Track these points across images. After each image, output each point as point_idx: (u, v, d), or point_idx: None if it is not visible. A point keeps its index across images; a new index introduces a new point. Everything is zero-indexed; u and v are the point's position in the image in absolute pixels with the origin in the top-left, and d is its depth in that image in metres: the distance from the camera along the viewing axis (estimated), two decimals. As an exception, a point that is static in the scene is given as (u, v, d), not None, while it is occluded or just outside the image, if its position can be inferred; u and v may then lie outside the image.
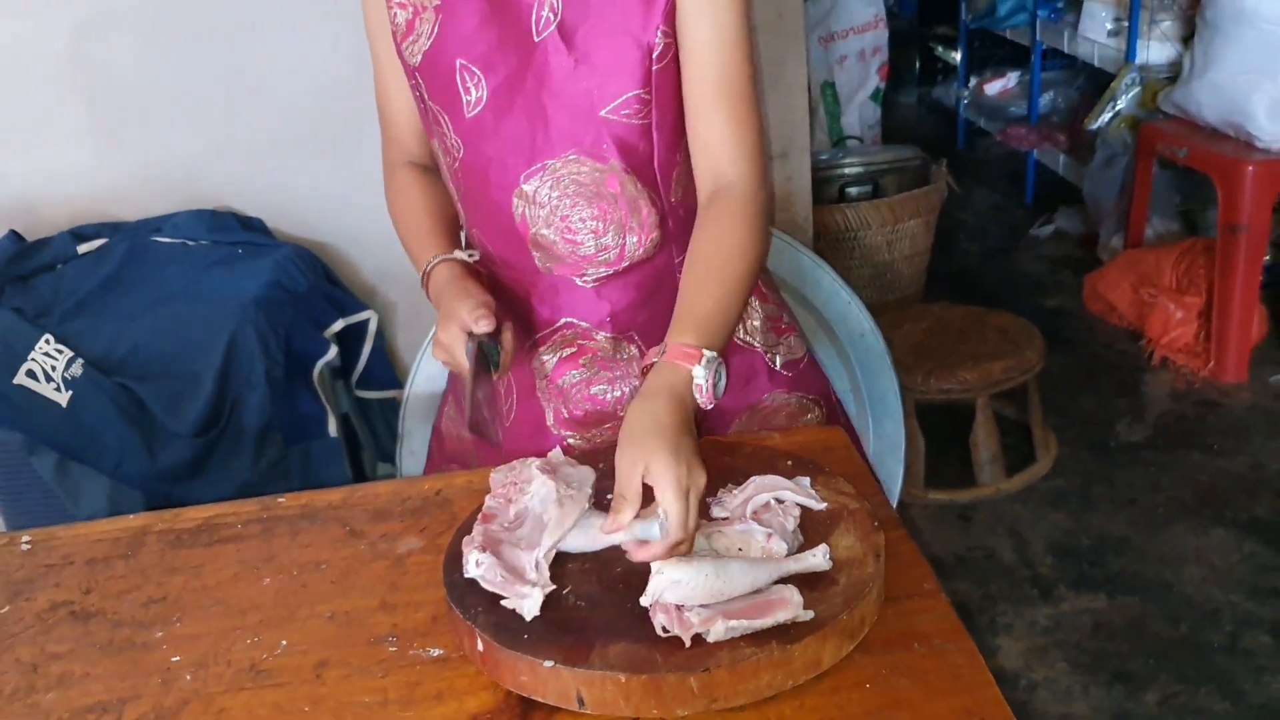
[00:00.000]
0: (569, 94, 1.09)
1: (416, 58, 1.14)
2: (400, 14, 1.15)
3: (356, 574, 1.02)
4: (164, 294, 1.81)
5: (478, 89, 1.12)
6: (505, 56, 1.10)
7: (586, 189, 1.13)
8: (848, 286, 1.94)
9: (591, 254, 1.16)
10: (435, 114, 1.15)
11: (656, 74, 1.09)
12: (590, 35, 1.08)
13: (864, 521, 0.96)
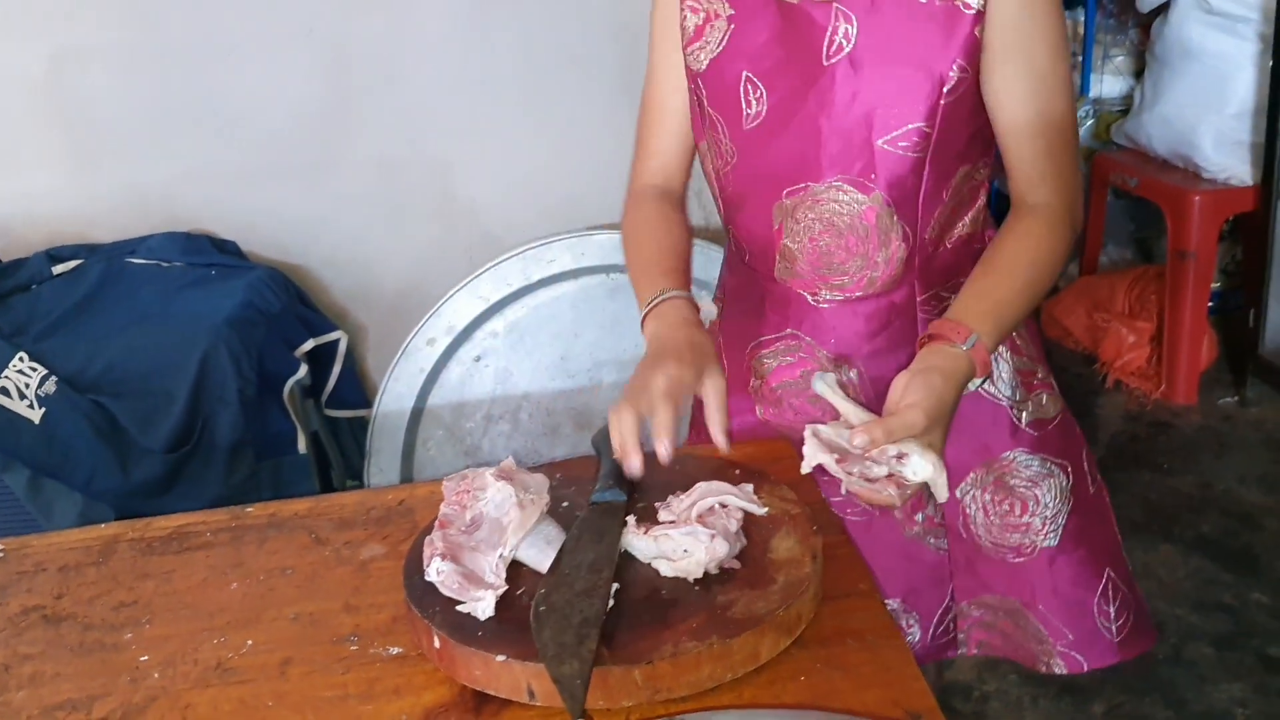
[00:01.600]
0: (848, 120, 1.10)
1: (702, 64, 1.15)
2: (691, 18, 1.16)
3: (321, 578, 1.07)
4: (138, 314, 1.85)
5: (759, 103, 1.13)
6: (790, 75, 1.11)
7: (841, 219, 1.14)
8: (805, 309, 2.00)
9: (829, 277, 1.18)
10: (713, 119, 1.16)
11: (944, 108, 1.09)
12: (881, 63, 1.08)
13: (804, 525, 1.01)
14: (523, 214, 2.15)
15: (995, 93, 1.10)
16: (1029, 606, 1.24)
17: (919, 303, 1.19)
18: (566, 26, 2.07)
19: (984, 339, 1.02)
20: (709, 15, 1.14)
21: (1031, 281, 1.09)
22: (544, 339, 1.99)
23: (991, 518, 1.24)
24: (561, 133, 2.13)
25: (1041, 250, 1.10)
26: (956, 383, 0.99)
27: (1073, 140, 1.13)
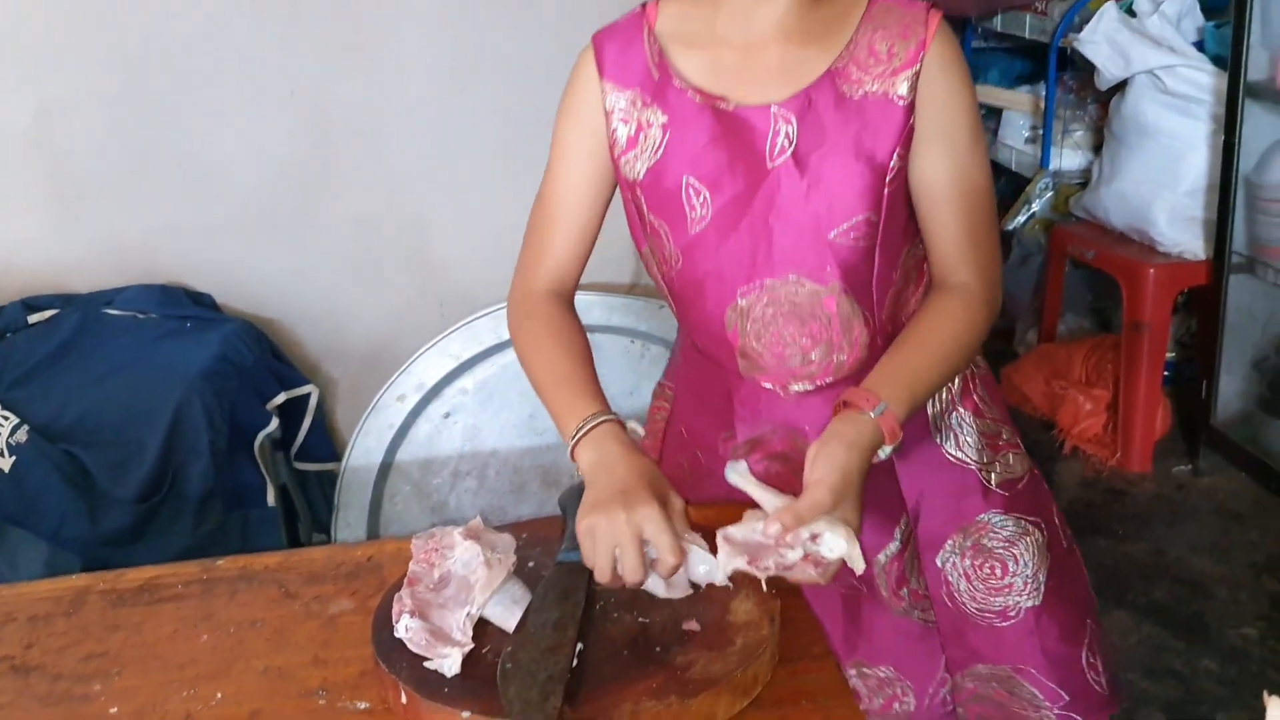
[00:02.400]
0: (798, 217, 1.11)
1: (639, 172, 1.15)
2: (622, 129, 1.15)
3: (291, 631, 1.09)
4: (113, 364, 1.87)
5: (703, 207, 1.13)
6: (734, 177, 1.12)
7: (802, 309, 1.15)
8: (770, 373, 2.05)
9: (797, 368, 1.18)
10: (655, 226, 1.16)
11: (888, 196, 1.11)
12: (825, 159, 1.10)
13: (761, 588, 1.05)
14: (497, 272, 2.16)
15: (918, 175, 1.13)
16: (1020, 673, 1.26)
17: None
18: (543, 92, 2.11)
19: (893, 407, 1.03)
20: (640, 124, 1.14)
21: (947, 355, 1.12)
22: (513, 397, 2.02)
23: (974, 583, 1.25)
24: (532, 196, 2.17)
25: (958, 327, 1.13)
26: (862, 451, 1.00)
27: (991, 220, 1.17)
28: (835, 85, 1.10)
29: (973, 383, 1.29)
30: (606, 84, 1.16)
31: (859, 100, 1.10)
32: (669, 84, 1.13)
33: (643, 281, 2.27)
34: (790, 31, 1.11)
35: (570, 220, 1.22)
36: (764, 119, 1.11)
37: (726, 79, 1.12)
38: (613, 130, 1.16)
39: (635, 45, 1.16)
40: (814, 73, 1.11)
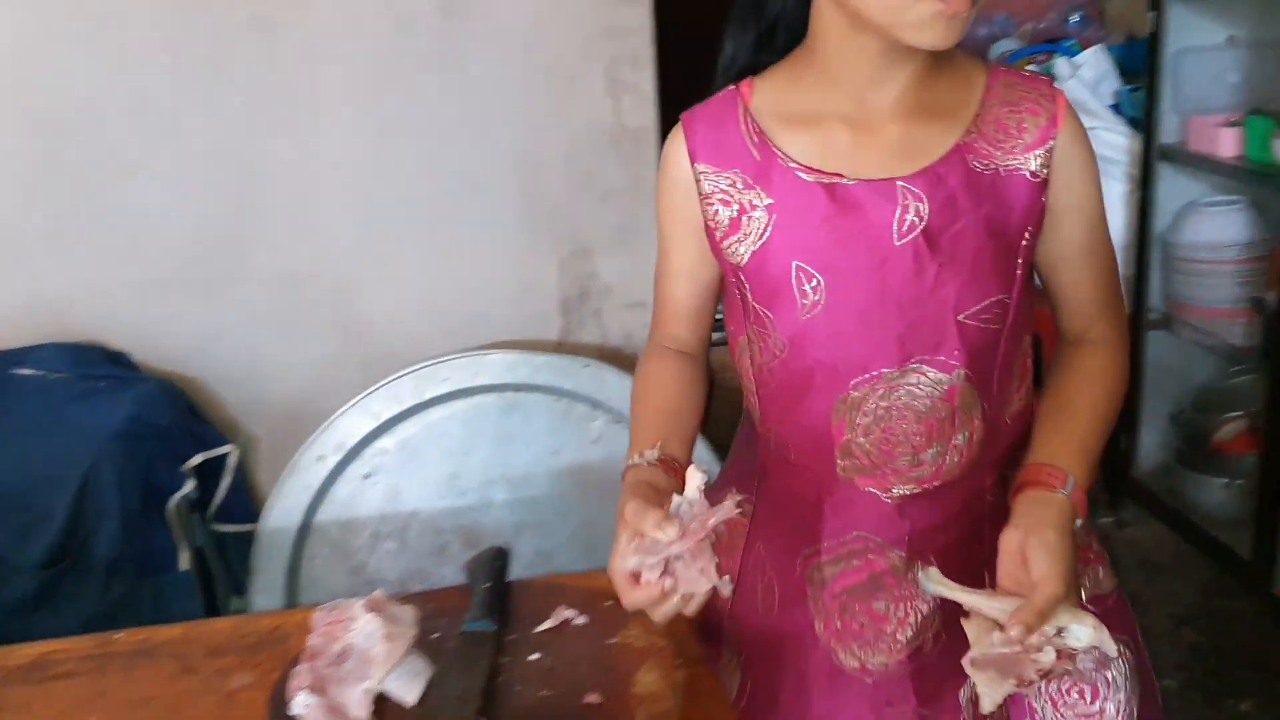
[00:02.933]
0: (927, 299, 1.04)
1: (743, 257, 1.08)
2: (724, 211, 1.09)
3: (186, 709, 1.06)
4: (21, 426, 1.83)
5: (815, 292, 1.06)
6: (852, 258, 1.05)
7: (920, 401, 1.07)
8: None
9: (905, 469, 1.10)
10: (759, 314, 1.09)
11: (1020, 276, 1.07)
12: (959, 237, 1.04)
13: (668, 659, 1.04)
14: (421, 332, 2.18)
15: (1057, 246, 1.11)
16: None
17: (988, 486, 1.13)
18: (469, 154, 2.13)
19: (1078, 479, 1.00)
20: (743, 207, 1.08)
21: (1107, 415, 1.09)
22: (434, 457, 2.01)
23: (1061, 710, 1.14)
24: (462, 256, 2.17)
25: (1113, 384, 1.11)
26: (1069, 532, 0.96)
27: (1118, 275, 1.17)
28: (965, 161, 1.05)
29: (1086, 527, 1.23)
30: (700, 167, 1.10)
31: (990, 176, 1.05)
32: (773, 163, 1.07)
33: (570, 338, 2.27)
34: (909, 110, 1.06)
35: (681, 303, 1.18)
36: (889, 194, 1.04)
37: (840, 157, 1.06)
38: (713, 214, 1.09)
39: (730, 124, 1.10)
40: (941, 148, 1.05)
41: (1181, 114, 2.68)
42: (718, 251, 1.11)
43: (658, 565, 0.92)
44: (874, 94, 1.05)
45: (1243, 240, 2.58)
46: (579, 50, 2.11)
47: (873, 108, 1.05)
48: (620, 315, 2.27)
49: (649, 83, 2.16)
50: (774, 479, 1.18)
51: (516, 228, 2.19)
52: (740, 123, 1.09)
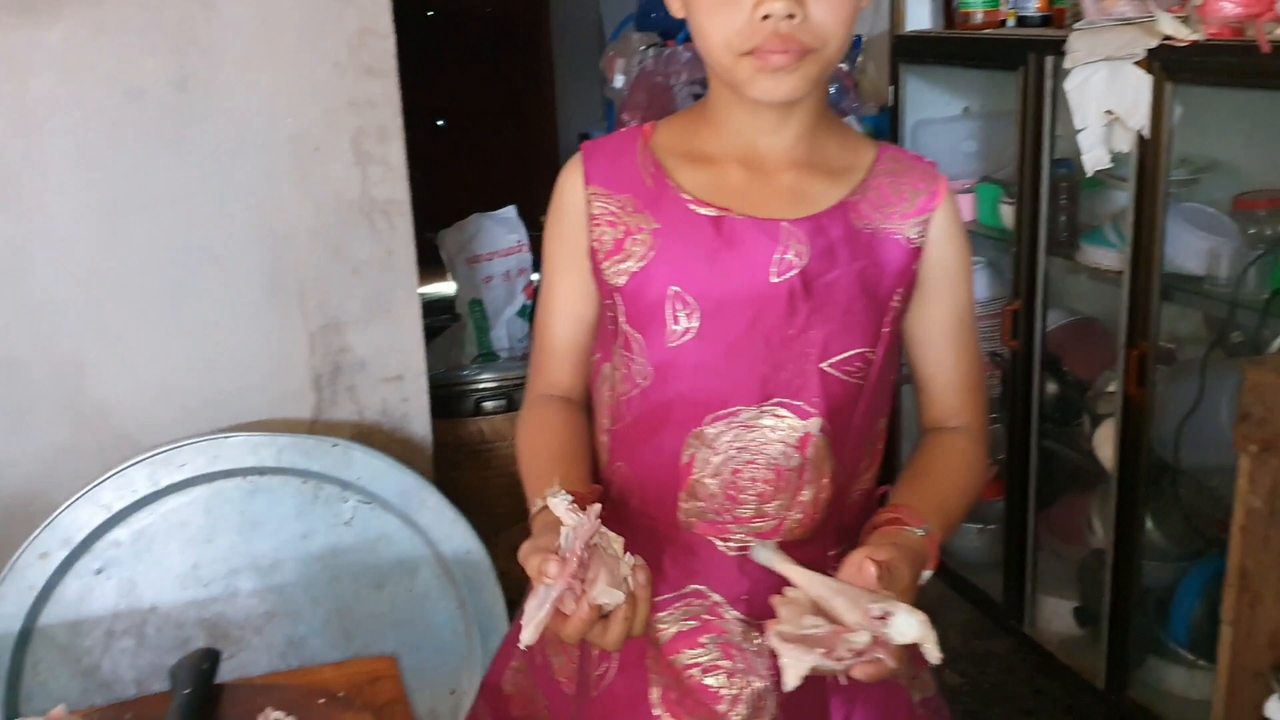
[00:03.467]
0: (794, 341, 1.05)
1: (621, 279, 1.08)
2: (609, 233, 1.09)
3: None
4: None
5: (689, 319, 1.06)
6: (730, 291, 1.05)
7: (773, 445, 1.07)
8: (453, 506, 2.01)
9: (747, 518, 1.09)
10: (629, 338, 1.09)
11: (884, 336, 1.09)
12: (832, 286, 1.05)
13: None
14: (162, 415, 2.07)
15: (921, 323, 1.14)
16: None
17: (830, 558, 1.11)
18: (210, 228, 2.06)
19: (934, 531, 1.00)
20: (629, 229, 1.09)
21: (967, 490, 1.11)
22: (174, 547, 1.90)
23: None
24: (205, 333, 2.09)
25: (975, 465, 1.13)
26: (916, 568, 0.96)
27: (982, 369, 1.19)
28: (847, 217, 1.08)
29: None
30: (593, 189, 1.11)
31: (868, 235, 1.08)
32: (665, 192, 1.09)
33: (324, 416, 2.21)
34: (800, 162, 1.09)
35: (562, 340, 1.16)
36: (773, 233, 1.06)
37: (731, 194, 1.08)
38: (598, 236, 1.10)
39: (628, 155, 1.12)
40: (828, 201, 1.08)
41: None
42: (598, 274, 1.10)
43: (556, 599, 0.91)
44: (765, 142, 1.09)
45: (981, 299, 2.74)
46: (323, 122, 2.08)
47: (766, 154, 1.09)
48: (376, 390, 2.23)
49: (398, 155, 2.14)
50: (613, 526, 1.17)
51: (263, 302, 2.12)
52: (638, 155, 1.12)
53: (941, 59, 2.73)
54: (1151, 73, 2.00)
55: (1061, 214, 2.40)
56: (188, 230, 2.05)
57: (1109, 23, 2.10)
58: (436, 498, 2.00)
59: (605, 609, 0.92)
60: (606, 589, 0.91)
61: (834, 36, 1.00)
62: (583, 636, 0.92)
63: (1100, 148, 2.12)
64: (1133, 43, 2.01)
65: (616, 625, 0.92)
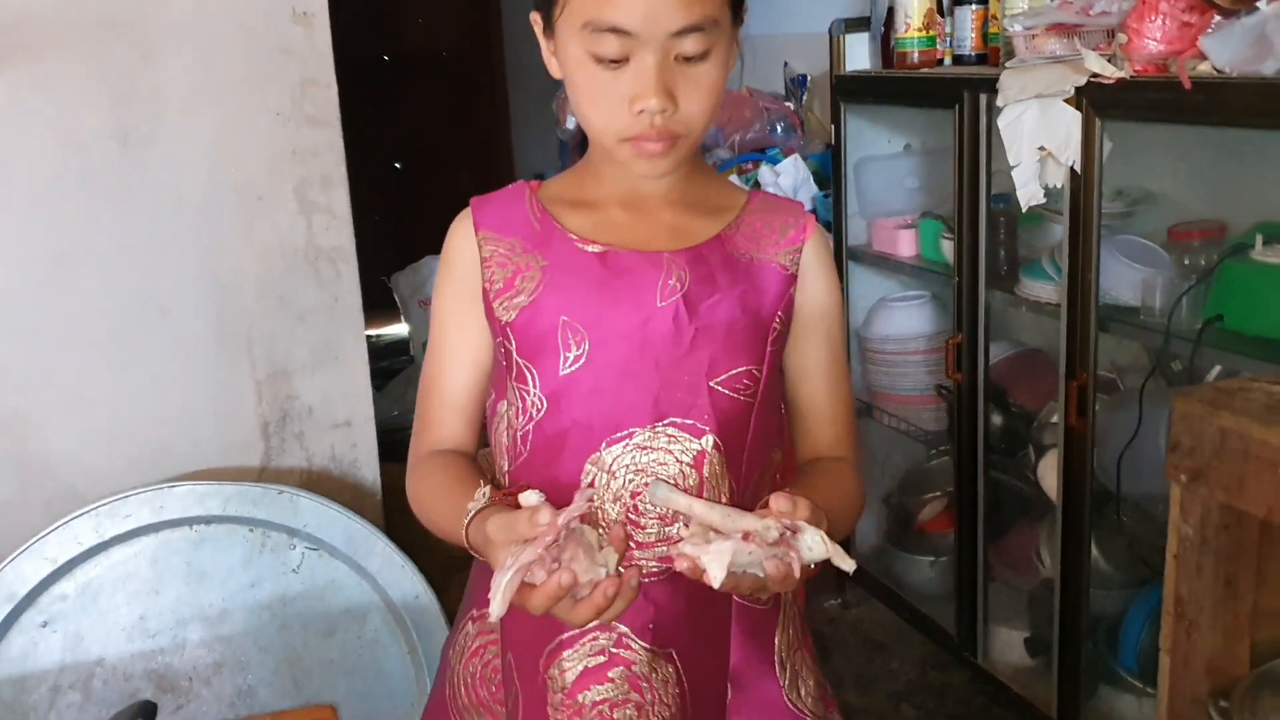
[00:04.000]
0: (682, 360, 1.10)
1: (511, 314, 1.11)
2: (499, 272, 1.13)
3: None
4: None
5: (579, 346, 1.10)
6: (618, 316, 1.10)
7: (670, 465, 1.10)
8: (401, 552, 2.01)
9: (651, 542, 1.11)
10: (522, 369, 1.11)
11: (769, 355, 1.14)
12: (714, 307, 1.11)
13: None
14: (110, 466, 2.06)
15: (802, 361, 1.20)
16: None
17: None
18: (156, 279, 2.06)
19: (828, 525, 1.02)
20: (518, 268, 1.13)
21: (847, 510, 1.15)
22: (121, 599, 1.89)
23: None
24: (152, 383, 2.08)
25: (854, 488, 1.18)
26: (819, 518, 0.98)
27: (853, 405, 1.25)
28: (725, 248, 1.15)
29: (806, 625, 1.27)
30: (483, 234, 1.15)
31: (746, 263, 1.15)
32: (553, 234, 1.14)
33: (274, 463, 2.21)
34: (677, 202, 1.16)
35: (456, 391, 1.17)
36: (657, 262, 1.12)
37: (615, 232, 1.14)
38: (489, 276, 1.13)
39: (516, 205, 1.17)
40: (706, 235, 1.15)
41: (866, 217, 2.88)
42: (489, 313, 1.13)
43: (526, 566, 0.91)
44: (646, 187, 1.15)
45: (926, 332, 2.77)
46: (266, 172, 2.09)
47: (646, 197, 1.16)
48: (325, 436, 2.23)
49: (342, 203, 2.15)
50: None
51: (210, 352, 2.12)
52: (526, 204, 1.17)
53: (880, 98, 2.78)
54: (1080, 109, 2.05)
55: (1001, 248, 2.44)
56: (133, 281, 2.05)
57: (1039, 61, 2.15)
58: (384, 544, 2.00)
59: (580, 590, 0.93)
60: (588, 563, 0.93)
61: (701, 122, 1.08)
62: (548, 609, 0.93)
63: (1034, 183, 2.16)
64: (1061, 80, 2.06)
65: (594, 601, 0.94)
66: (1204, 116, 1.84)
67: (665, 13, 1.02)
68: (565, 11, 1.06)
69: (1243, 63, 1.79)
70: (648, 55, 1.03)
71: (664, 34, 1.02)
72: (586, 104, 1.08)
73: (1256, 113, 1.75)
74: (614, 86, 1.05)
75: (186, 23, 2.01)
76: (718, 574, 0.91)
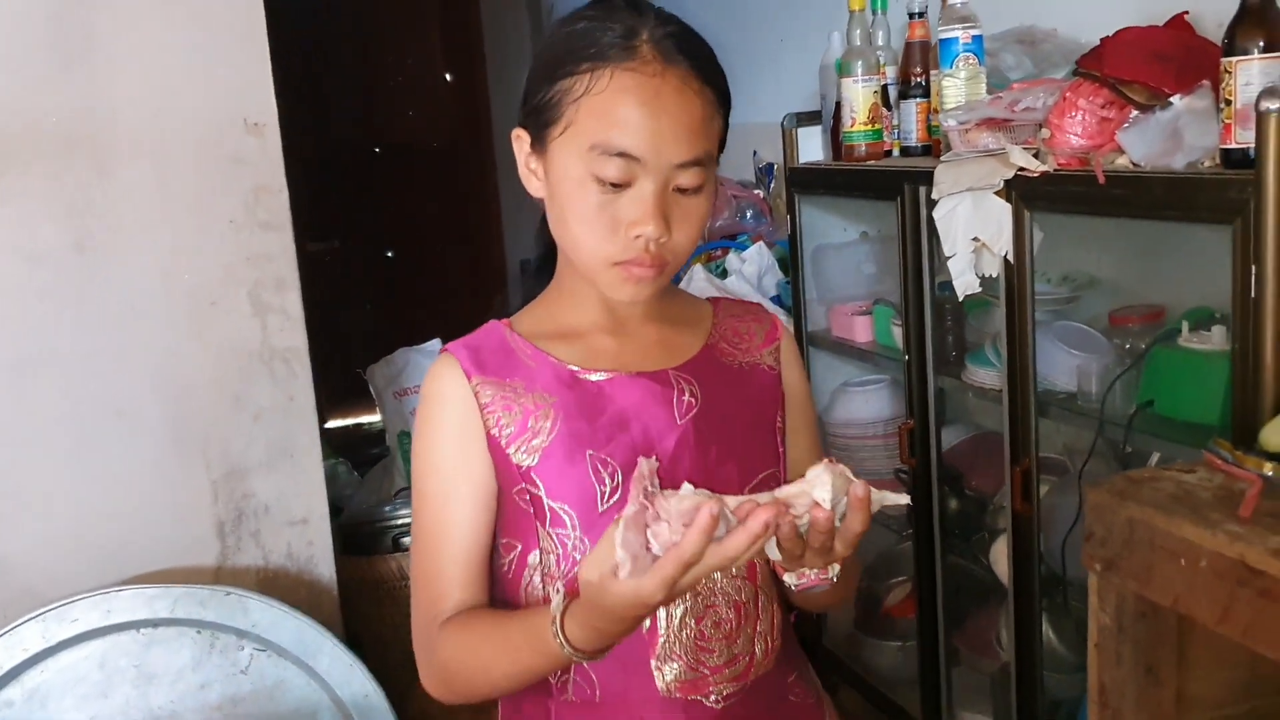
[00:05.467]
0: (712, 475, 1.09)
1: (533, 457, 1.08)
2: (507, 417, 1.09)
3: None
4: None
5: (612, 479, 1.08)
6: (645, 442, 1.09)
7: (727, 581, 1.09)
8: (350, 651, 2.03)
9: (721, 665, 1.11)
10: (557, 513, 1.08)
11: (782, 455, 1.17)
12: (728, 418, 1.13)
13: None
14: (65, 567, 2.10)
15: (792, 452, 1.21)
16: None
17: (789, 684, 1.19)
18: (112, 383, 2.11)
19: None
20: (526, 409, 1.10)
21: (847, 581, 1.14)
22: (69, 703, 1.91)
23: None
24: (107, 485, 2.12)
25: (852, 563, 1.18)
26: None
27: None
28: (716, 358, 1.18)
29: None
30: (478, 380, 1.11)
31: (738, 369, 1.18)
32: (550, 368, 1.12)
33: (229, 562, 2.23)
34: (657, 318, 1.18)
35: (467, 548, 1.10)
36: (665, 380, 1.13)
37: (610, 358, 1.14)
38: (495, 422, 1.09)
39: (498, 345, 1.14)
40: (694, 349, 1.18)
41: (825, 303, 2.93)
42: (504, 462, 1.09)
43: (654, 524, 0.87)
44: (624, 309, 1.16)
45: (885, 416, 2.81)
46: (220, 276, 2.15)
47: (626, 318, 1.16)
48: (282, 534, 2.26)
49: (295, 304, 2.21)
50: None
51: (166, 453, 2.16)
52: (509, 341, 1.15)
53: (831, 189, 2.84)
54: (1011, 201, 2.10)
55: (949, 334, 2.48)
56: (90, 385, 2.11)
57: (972, 154, 2.21)
58: (333, 644, 2.02)
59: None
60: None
61: (687, 251, 1.10)
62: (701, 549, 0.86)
63: (969, 273, 2.21)
64: (991, 174, 2.11)
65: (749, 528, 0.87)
66: (1122, 208, 1.89)
67: (673, 145, 1.04)
68: (569, 132, 1.06)
69: (1157, 157, 1.84)
70: (649, 182, 1.04)
71: (668, 165, 1.04)
72: (578, 224, 1.07)
73: (1168, 205, 1.79)
74: (609, 210, 1.05)
75: (142, 137, 2.08)
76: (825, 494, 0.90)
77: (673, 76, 1.04)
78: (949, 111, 2.30)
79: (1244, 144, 1.64)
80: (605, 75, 1.04)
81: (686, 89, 1.05)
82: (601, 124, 1.04)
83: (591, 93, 1.04)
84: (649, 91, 1.03)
